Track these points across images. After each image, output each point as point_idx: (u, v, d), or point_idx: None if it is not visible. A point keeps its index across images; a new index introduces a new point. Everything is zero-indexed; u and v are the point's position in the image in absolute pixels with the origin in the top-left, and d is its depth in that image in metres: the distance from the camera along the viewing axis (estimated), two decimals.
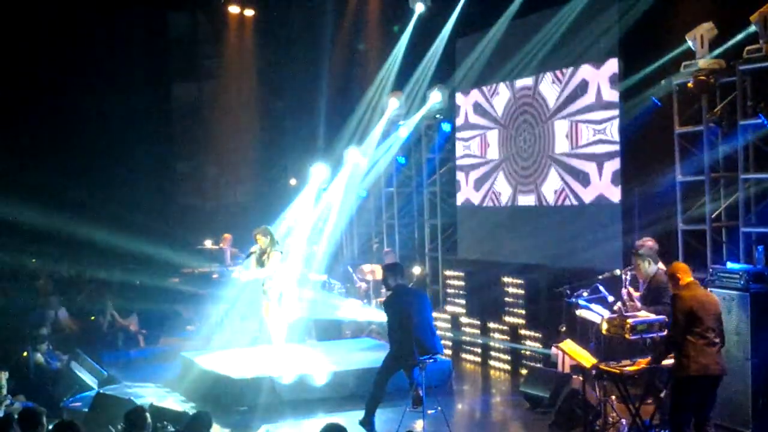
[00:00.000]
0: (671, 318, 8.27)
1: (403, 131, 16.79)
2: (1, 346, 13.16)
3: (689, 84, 10.97)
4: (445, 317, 14.85)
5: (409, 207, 17.32)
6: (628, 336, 8.89)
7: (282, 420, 11.11)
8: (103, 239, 18.81)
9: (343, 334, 15.31)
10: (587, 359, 9.28)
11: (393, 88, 17.21)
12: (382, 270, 10.92)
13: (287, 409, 11.42)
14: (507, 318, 13.79)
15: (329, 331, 15.22)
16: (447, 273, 15.54)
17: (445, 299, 15.33)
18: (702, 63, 10.83)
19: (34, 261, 18.78)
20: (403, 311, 10.02)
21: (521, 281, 13.65)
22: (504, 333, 13.71)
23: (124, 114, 19.48)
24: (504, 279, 13.92)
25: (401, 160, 17.49)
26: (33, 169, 18.83)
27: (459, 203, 15.97)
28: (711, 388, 8.10)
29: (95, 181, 19.43)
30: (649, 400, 9.19)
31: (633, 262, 9.89)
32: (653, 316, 9.07)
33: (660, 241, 10.30)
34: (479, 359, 14.17)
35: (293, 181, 19.86)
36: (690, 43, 10.98)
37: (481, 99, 15.22)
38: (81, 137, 19.14)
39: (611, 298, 10.18)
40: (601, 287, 10.27)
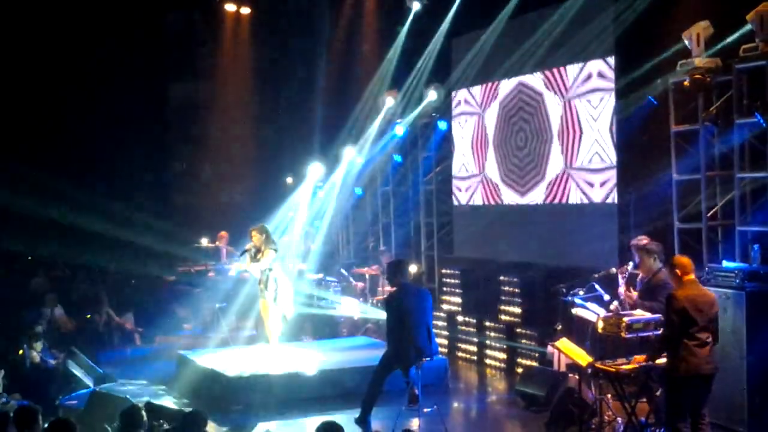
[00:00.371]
0: (665, 317, 8.27)
1: (399, 130, 16.80)
2: None
3: (685, 83, 10.97)
4: (441, 315, 14.85)
5: (406, 205, 17.32)
6: (623, 334, 8.89)
7: (278, 419, 11.11)
8: (99, 237, 18.80)
9: (340, 332, 15.31)
10: (583, 358, 9.29)
11: (389, 86, 17.22)
12: (387, 267, 10.85)
13: (283, 408, 11.41)
14: (503, 316, 13.80)
15: (325, 330, 15.22)
16: (443, 271, 15.55)
17: (442, 297, 15.33)
18: (698, 62, 10.83)
19: (30, 259, 18.76)
20: (403, 311, 10.00)
21: (517, 279, 13.66)
22: (500, 331, 13.72)
23: (120, 113, 19.45)
24: (500, 277, 13.92)
25: (397, 158, 17.50)
26: (28, 167, 18.80)
27: (455, 202, 15.98)
28: (704, 386, 8.09)
29: (91, 179, 19.40)
30: (645, 398, 9.20)
31: (638, 257, 9.90)
32: (649, 314, 9.08)
33: (656, 240, 10.32)
34: (475, 357, 14.18)
35: (289, 180, 19.85)
36: (686, 42, 10.98)
37: (478, 97, 15.22)
38: (77, 136, 19.11)
39: (607, 296, 10.20)
40: (597, 286, 10.30)
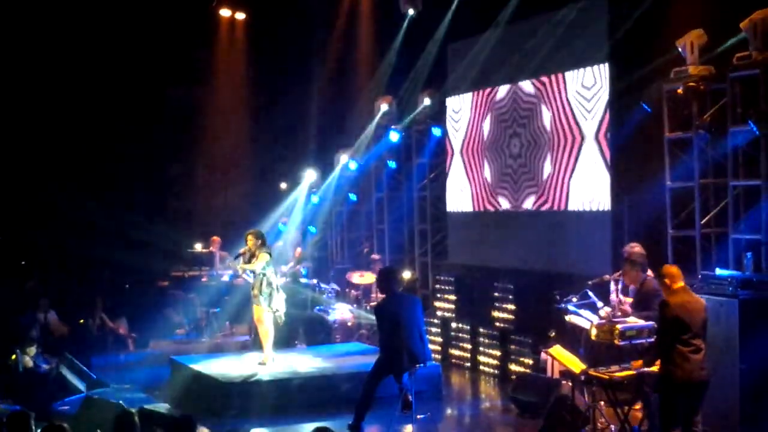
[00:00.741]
0: (658, 324, 8.28)
1: (394, 136, 16.80)
2: None
3: (679, 90, 11.03)
4: (435, 321, 14.85)
5: (400, 211, 17.31)
6: (617, 342, 8.91)
7: (271, 425, 11.09)
8: (94, 241, 18.77)
9: (333, 338, 15.30)
10: (576, 365, 9.30)
11: (384, 92, 17.24)
12: (378, 275, 10.86)
13: (277, 414, 11.39)
14: (496, 323, 13.79)
15: (319, 336, 15.20)
16: (437, 278, 15.54)
17: (435, 303, 15.32)
18: (692, 69, 10.89)
19: (23, 263, 18.72)
20: (394, 317, 10.00)
21: (511, 286, 13.64)
22: (493, 338, 13.70)
23: (115, 117, 19.43)
24: (494, 284, 13.92)
25: (392, 164, 17.50)
26: (23, 172, 18.78)
27: (449, 208, 15.98)
28: (698, 393, 8.10)
29: (85, 183, 19.37)
30: (637, 405, 9.21)
31: (623, 268, 9.92)
32: (642, 322, 9.09)
33: (649, 247, 10.33)
34: (468, 364, 14.16)
35: (284, 185, 19.85)
36: (680, 50, 11.03)
37: (472, 104, 15.23)
38: (72, 140, 19.09)
39: (600, 303, 10.21)
40: (591, 293, 10.31)
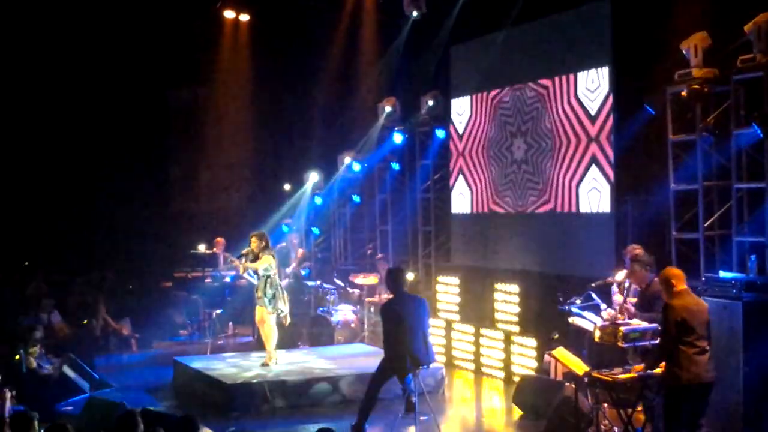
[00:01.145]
0: (662, 327, 8.28)
1: (398, 137, 16.81)
2: None
3: (683, 93, 11.03)
4: (438, 323, 14.84)
5: (403, 213, 17.32)
6: (620, 344, 8.90)
7: (274, 426, 11.10)
8: (97, 243, 18.80)
9: (336, 339, 15.30)
10: (580, 367, 9.29)
11: (387, 94, 17.24)
12: (386, 274, 10.84)
13: (278, 415, 11.41)
14: (500, 325, 13.78)
15: (322, 337, 15.21)
16: (440, 279, 15.53)
17: (439, 306, 15.31)
18: (696, 72, 10.89)
19: (27, 264, 18.75)
20: (399, 319, 9.99)
21: (514, 288, 13.64)
22: (497, 340, 13.70)
23: (118, 118, 19.47)
24: (497, 286, 13.91)
25: (395, 166, 17.50)
26: (26, 173, 18.81)
27: (453, 209, 15.98)
28: (704, 395, 8.12)
29: (89, 184, 19.41)
30: (640, 408, 9.21)
31: (631, 268, 9.91)
32: (646, 324, 9.09)
33: (653, 250, 10.34)
34: (472, 366, 14.16)
35: (287, 187, 19.86)
36: (684, 53, 11.03)
37: (476, 105, 15.23)
38: (75, 141, 19.12)
39: (604, 305, 10.21)
40: (594, 295, 10.31)
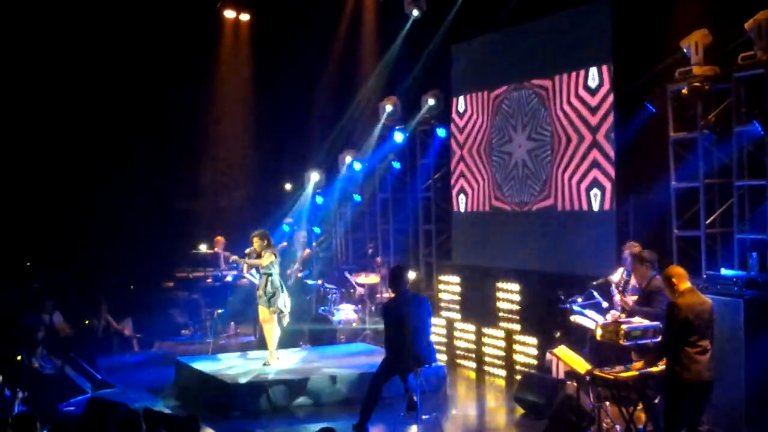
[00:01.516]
0: (665, 325, 8.27)
1: (398, 136, 16.79)
2: None
3: (684, 91, 11.02)
4: (440, 323, 14.85)
5: (404, 212, 17.31)
6: (622, 342, 8.90)
7: (275, 425, 11.09)
8: (98, 243, 18.79)
9: (338, 339, 15.30)
10: (581, 365, 9.29)
11: (388, 93, 17.23)
12: (389, 273, 10.85)
13: (281, 415, 11.41)
14: (502, 324, 13.78)
15: (323, 336, 15.21)
16: (441, 278, 15.54)
17: (440, 305, 15.32)
18: (696, 70, 10.88)
19: (28, 264, 18.75)
20: (400, 318, 9.99)
21: (516, 287, 13.64)
22: (498, 339, 13.71)
23: (119, 118, 19.46)
24: (499, 285, 13.92)
25: (396, 165, 17.50)
26: (25, 173, 18.79)
27: (454, 208, 15.97)
28: (705, 394, 8.12)
29: (90, 185, 19.40)
30: (640, 405, 9.19)
31: (632, 265, 9.90)
32: (647, 322, 9.09)
33: (654, 248, 10.33)
34: (474, 365, 14.17)
35: (288, 186, 19.85)
36: (685, 50, 11.02)
37: (476, 104, 15.22)
38: (76, 142, 19.11)
39: (605, 303, 10.22)
40: (596, 293, 10.32)
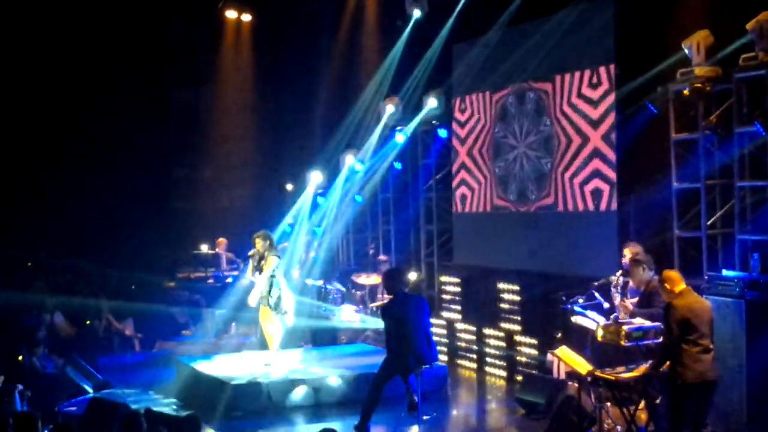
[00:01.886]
0: (665, 327, 8.29)
1: (400, 137, 16.78)
2: None
3: (685, 91, 11.01)
4: (441, 323, 14.84)
5: (405, 213, 17.30)
6: (623, 343, 8.91)
7: (277, 426, 11.10)
8: (100, 242, 18.81)
9: (339, 339, 15.31)
10: (582, 366, 9.29)
11: (389, 93, 17.23)
12: (384, 275, 10.90)
13: (282, 415, 11.41)
14: (502, 324, 13.78)
15: (325, 337, 15.21)
16: (443, 279, 15.53)
17: (441, 305, 15.32)
18: (698, 70, 10.86)
19: (29, 264, 18.76)
20: (400, 318, 10.01)
21: (517, 287, 13.63)
22: (499, 339, 13.70)
23: (120, 118, 19.48)
24: (500, 285, 13.91)
25: (397, 165, 17.49)
26: (27, 173, 18.81)
27: (455, 209, 15.97)
28: (708, 394, 8.15)
29: (91, 184, 19.42)
30: (642, 406, 9.20)
31: (629, 268, 9.91)
32: (648, 323, 9.10)
33: (655, 248, 10.34)
34: (475, 365, 14.16)
35: (289, 187, 19.85)
36: (686, 51, 11.01)
37: (478, 104, 15.22)
38: (78, 140, 19.14)
39: (607, 304, 10.22)
40: (597, 294, 10.32)
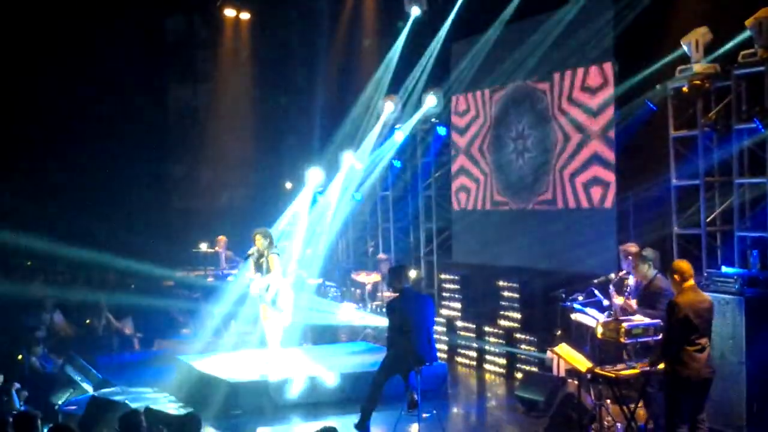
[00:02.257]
0: (666, 324, 8.28)
1: (399, 135, 16.78)
2: None
3: (684, 88, 11.00)
4: (441, 321, 14.84)
5: (405, 211, 17.31)
6: (623, 340, 8.90)
7: (276, 424, 11.11)
8: (99, 241, 18.78)
9: (339, 337, 15.30)
10: (582, 363, 9.28)
11: (388, 91, 17.22)
12: (389, 272, 10.89)
13: (282, 413, 11.42)
14: (502, 322, 13.79)
15: (325, 335, 15.21)
16: (442, 276, 15.55)
17: (441, 303, 15.32)
18: (697, 67, 10.85)
19: (29, 263, 18.75)
20: (404, 316, 10.01)
21: (516, 285, 13.65)
22: (499, 336, 13.72)
23: (119, 117, 19.48)
24: (499, 283, 13.92)
25: (397, 163, 17.49)
26: (26, 173, 18.81)
27: (454, 207, 15.97)
28: (703, 390, 8.18)
29: (90, 183, 19.41)
30: (641, 403, 9.20)
31: (632, 263, 9.90)
32: (648, 320, 9.09)
33: (655, 246, 10.33)
34: (474, 363, 14.18)
35: (289, 185, 19.85)
36: (685, 48, 11.00)
37: (477, 102, 15.22)
38: (76, 140, 19.13)
39: (606, 301, 10.22)
40: (596, 291, 10.31)
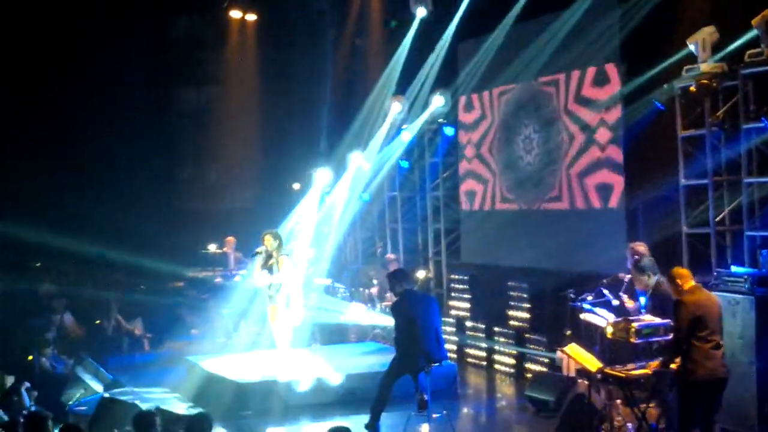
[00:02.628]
0: (675, 324, 8.29)
1: (406, 135, 16.80)
2: (7, 350, 13.19)
3: (692, 88, 10.99)
4: (450, 321, 14.86)
5: (413, 211, 17.34)
6: (633, 340, 8.90)
7: (286, 424, 11.14)
8: (107, 243, 18.83)
9: (348, 337, 15.33)
10: (592, 363, 9.29)
11: (395, 92, 17.24)
12: (387, 277, 10.95)
13: (291, 414, 11.45)
14: (512, 322, 13.81)
15: (334, 335, 15.24)
16: (451, 277, 15.57)
17: (450, 303, 15.34)
18: (704, 67, 10.85)
19: (38, 265, 18.80)
20: (410, 316, 10.04)
21: (526, 285, 13.66)
22: (509, 337, 13.73)
23: (125, 119, 19.50)
24: (508, 283, 13.93)
25: (404, 164, 17.51)
26: (34, 175, 18.84)
27: (462, 207, 15.99)
28: (718, 391, 8.14)
29: (96, 186, 19.44)
30: (653, 403, 9.21)
31: (632, 274, 9.82)
32: (659, 319, 9.09)
33: (664, 245, 10.32)
34: (484, 363, 14.19)
35: (296, 186, 19.88)
36: (692, 47, 11.00)
37: (484, 102, 15.24)
38: (83, 143, 19.16)
39: (616, 301, 10.22)
40: (606, 291, 10.31)
